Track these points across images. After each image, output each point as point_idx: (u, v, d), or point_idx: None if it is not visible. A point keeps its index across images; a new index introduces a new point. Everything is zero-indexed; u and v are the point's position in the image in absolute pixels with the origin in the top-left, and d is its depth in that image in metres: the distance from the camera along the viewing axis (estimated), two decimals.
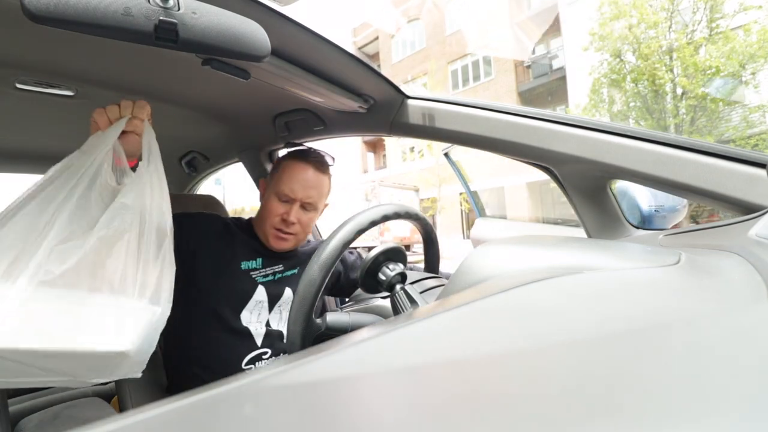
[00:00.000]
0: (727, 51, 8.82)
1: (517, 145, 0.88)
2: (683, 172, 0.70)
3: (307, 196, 1.01)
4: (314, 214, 1.06)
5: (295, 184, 1.00)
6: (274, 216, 1.01)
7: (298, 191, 1.00)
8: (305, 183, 1.01)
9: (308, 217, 1.04)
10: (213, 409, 0.19)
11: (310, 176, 1.02)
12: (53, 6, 0.40)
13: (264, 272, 1.06)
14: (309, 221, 1.05)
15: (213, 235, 1.03)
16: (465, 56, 17.12)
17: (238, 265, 1.03)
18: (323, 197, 1.07)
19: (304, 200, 1.01)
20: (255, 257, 1.06)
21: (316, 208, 1.05)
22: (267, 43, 0.55)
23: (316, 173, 1.03)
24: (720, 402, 0.19)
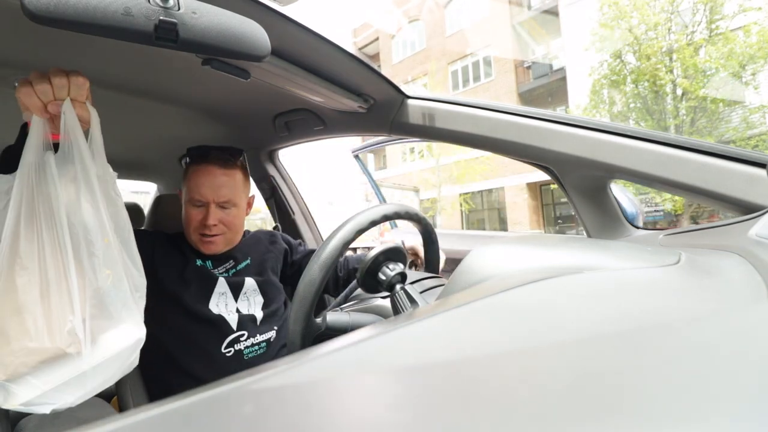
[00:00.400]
0: (726, 52, 8.82)
1: (517, 145, 0.88)
2: (683, 171, 0.70)
3: (219, 196, 1.00)
4: (236, 211, 1.05)
5: (203, 188, 0.99)
6: (194, 222, 1.01)
7: (208, 194, 0.99)
8: (213, 184, 0.99)
9: (231, 215, 1.04)
10: (213, 408, 0.19)
11: (217, 176, 1.00)
12: (53, 6, 0.40)
13: (217, 271, 1.08)
14: (233, 219, 1.05)
15: (165, 246, 1.06)
16: (465, 57, 17.13)
17: (194, 264, 1.05)
18: (238, 192, 1.05)
19: (217, 201, 1.00)
20: (204, 259, 1.08)
21: (235, 204, 1.04)
22: (267, 43, 0.55)
23: (222, 171, 1.01)
24: (720, 402, 0.19)
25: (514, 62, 15.75)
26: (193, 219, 1.01)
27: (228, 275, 1.08)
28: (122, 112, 1.14)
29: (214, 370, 0.97)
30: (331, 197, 12.52)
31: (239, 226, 1.09)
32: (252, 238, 1.21)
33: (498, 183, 15.62)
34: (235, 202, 1.04)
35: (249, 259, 1.14)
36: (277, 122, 1.25)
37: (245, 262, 1.13)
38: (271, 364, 0.22)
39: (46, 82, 0.60)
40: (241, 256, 1.13)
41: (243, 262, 1.13)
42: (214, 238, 1.03)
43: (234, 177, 1.03)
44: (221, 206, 1.02)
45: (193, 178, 1.01)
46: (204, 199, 1.00)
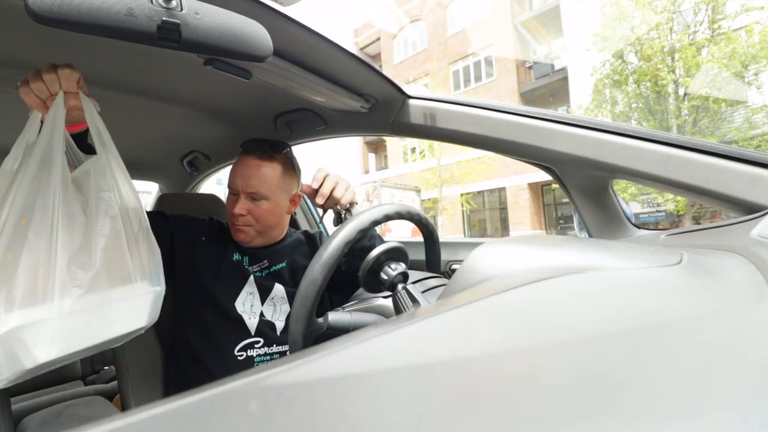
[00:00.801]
0: (728, 52, 8.80)
1: (519, 145, 0.88)
2: (685, 171, 0.70)
3: (248, 186, 1.00)
4: (267, 204, 1.02)
5: (236, 176, 1.01)
6: (229, 209, 1.03)
7: (239, 182, 1.00)
8: (244, 173, 1.00)
9: (260, 208, 1.02)
10: (215, 407, 0.19)
11: (250, 166, 1.00)
12: (57, 7, 0.40)
13: (252, 269, 1.08)
14: (263, 212, 1.03)
15: (208, 233, 1.08)
16: (467, 57, 17.12)
17: (231, 258, 1.06)
18: (270, 185, 1.02)
19: (246, 191, 1.00)
20: (242, 254, 1.09)
21: (266, 197, 1.02)
22: (269, 43, 0.56)
23: (257, 162, 1.00)
24: (722, 401, 0.19)
25: (516, 62, 15.74)
26: (228, 206, 1.03)
27: (261, 275, 1.08)
28: (124, 112, 1.15)
29: (226, 370, 0.97)
30: None
31: (272, 221, 1.07)
32: (294, 239, 1.19)
33: (499, 183, 15.61)
34: (265, 195, 1.02)
35: (285, 263, 1.12)
36: (279, 122, 1.25)
37: (280, 265, 1.11)
38: (274, 363, 0.22)
39: (40, 79, 0.64)
40: (277, 257, 1.11)
41: (278, 264, 1.11)
42: (243, 227, 1.03)
43: (268, 169, 1.02)
44: (251, 197, 1.01)
45: (234, 164, 1.04)
46: (235, 187, 1.01)
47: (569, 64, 13.54)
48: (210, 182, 2.02)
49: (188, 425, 0.18)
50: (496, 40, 16.12)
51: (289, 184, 1.06)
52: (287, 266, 1.12)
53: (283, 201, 1.07)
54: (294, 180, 1.08)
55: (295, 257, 1.14)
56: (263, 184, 1.01)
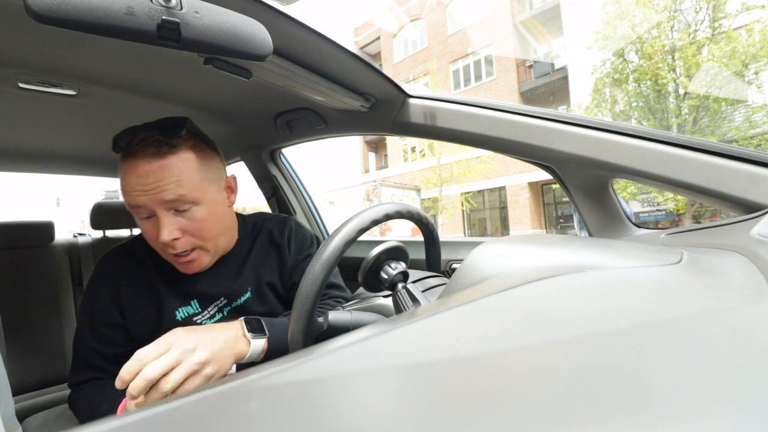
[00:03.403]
0: (729, 51, 8.80)
1: (519, 144, 0.88)
2: (685, 171, 0.70)
3: (162, 196, 0.71)
4: (200, 210, 0.76)
5: (137, 190, 0.71)
6: (153, 240, 0.76)
7: (144, 199, 0.71)
8: (147, 183, 0.71)
9: (195, 219, 0.75)
10: (215, 407, 0.19)
11: (151, 170, 0.71)
12: (56, 5, 0.40)
13: (207, 313, 0.85)
14: (202, 223, 0.76)
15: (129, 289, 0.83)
16: (467, 56, 17.12)
17: (173, 316, 0.82)
18: (191, 183, 0.74)
19: (163, 203, 0.72)
20: (188, 301, 0.84)
21: (194, 200, 0.74)
22: (269, 42, 0.56)
23: (158, 160, 0.71)
24: (722, 400, 0.19)
25: (516, 61, 15.74)
26: (149, 235, 0.76)
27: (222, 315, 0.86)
28: (124, 112, 1.15)
29: None
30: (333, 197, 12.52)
31: (218, 229, 0.80)
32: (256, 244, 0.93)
33: (499, 182, 15.63)
34: (192, 199, 0.74)
35: (249, 292, 0.88)
36: (279, 121, 1.25)
37: (243, 298, 0.87)
38: (274, 362, 0.22)
39: None
40: (234, 285, 0.87)
41: (240, 298, 0.87)
42: (190, 255, 0.78)
43: (177, 162, 0.73)
44: (175, 210, 0.74)
45: (123, 179, 0.73)
46: (144, 206, 0.72)
47: (569, 63, 13.54)
48: None
49: (188, 425, 0.18)
50: (496, 39, 16.12)
51: (213, 170, 0.79)
52: (252, 295, 0.88)
53: (217, 195, 0.80)
54: (215, 160, 0.81)
55: (260, 275, 0.90)
56: (182, 185, 0.73)
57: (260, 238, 0.94)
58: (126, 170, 0.72)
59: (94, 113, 1.14)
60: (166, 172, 0.72)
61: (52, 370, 1.39)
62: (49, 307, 1.43)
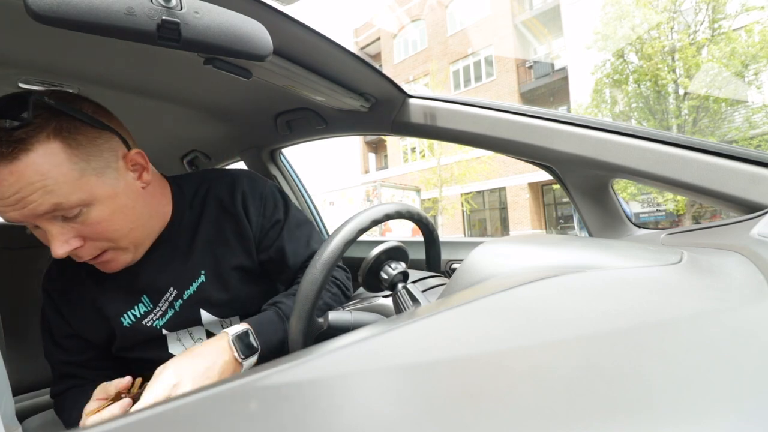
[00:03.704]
0: (728, 51, 8.81)
1: (519, 145, 0.88)
2: (685, 171, 0.70)
3: (31, 211, 0.55)
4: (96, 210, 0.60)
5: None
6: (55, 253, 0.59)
7: (13, 215, 0.55)
8: (3, 201, 0.54)
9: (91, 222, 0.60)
10: (215, 407, 0.19)
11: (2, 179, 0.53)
12: (56, 6, 0.40)
13: (159, 311, 0.75)
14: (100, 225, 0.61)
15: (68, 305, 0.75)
16: (467, 56, 17.13)
17: (120, 326, 0.73)
18: (60, 186, 0.55)
19: (38, 218, 0.57)
20: (138, 298, 0.74)
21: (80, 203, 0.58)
22: (269, 42, 0.56)
23: (6, 165, 0.52)
24: (722, 400, 0.19)
25: (516, 62, 15.75)
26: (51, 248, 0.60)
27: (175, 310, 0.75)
28: (123, 112, 1.14)
29: None
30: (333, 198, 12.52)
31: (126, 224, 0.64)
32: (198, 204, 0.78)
33: (499, 183, 15.64)
34: (74, 203, 0.57)
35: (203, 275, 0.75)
36: (279, 121, 1.25)
37: (197, 282, 0.75)
38: (274, 362, 0.22)
39: None
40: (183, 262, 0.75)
41: (193, 283, 0.75)
42: (105, 256, 0.65)
43: (32, 164, 0.53)
44: (62, 218, 0.58)
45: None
46: (22, 221, 0.57)
47: (569, 64, 13.55)
48: None
49: (188, 425, 0.18)
50: (496, 40, 16.13)
51: (96, 154, 0.60)
52: (209, 279, 0.76)
53: (116, 184, 0.62)
54: (100, 137, 0.61)
55: (218, 255, 0.76)
56: (53, 191, 0.55)
57: (208, 205, 0.78)
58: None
59: None
60: (23, 180, 0.53)
61: None
62: None
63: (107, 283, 0.74)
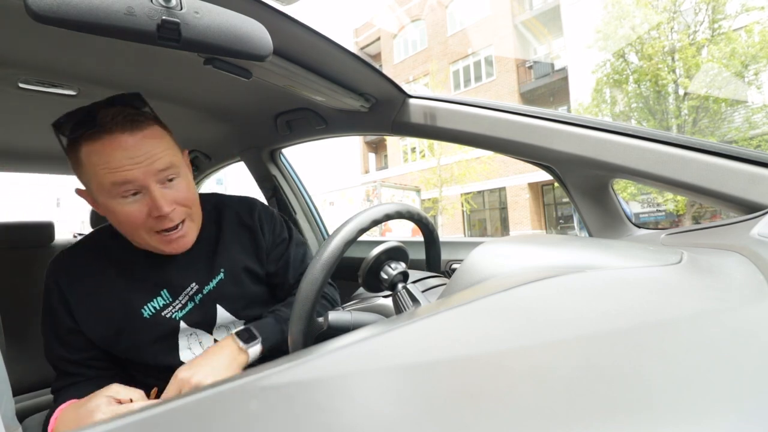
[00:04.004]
0: (728, 52, 8.81)
1: (519, 145, 0.88)
2: (685, 171, 0.70)
3: (154, 167, 0.69)
4: (183, 181, 0.74)
5: (125, 170, 0.67)
6: (140, 221, 0.71)
7: (135, 173, 0.68)
8: (134, 159, 0.68)
9: (181, 187, 0.74)
10: (215, 407, 0.19)
11: (130, 146, 0.68)
12: (56, 6, 0.40)
13: (178, 303, 0.81)
14: (188, 194, 0.75)
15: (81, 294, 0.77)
16: (467, 56, 17.13)
17: (140, 317, 0.78)
18: (173, 152, 0.73)
19: (155, 173, 0.70)
20: (157, 291, 0.80)
21: (178, 172, 0.74)
22: (269, 42, 0.56)
23: (133, 135, 0.69)
24: (721, 400, 0.19)
25: (516, 62, 15.75)
26: (135, 217, 0.70)
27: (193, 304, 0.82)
28: None
29: None
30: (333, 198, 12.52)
31: (196, 198, 0.79)
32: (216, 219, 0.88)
33: (499, 183, 15.63)
34: (177, 166, 0.74)
35: (222, 272, 0.84)
36: (279, 121, 1.25)
37: (216, 279, 0.84)
38: (275, 362, 0.22)
39: None
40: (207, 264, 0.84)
41: (213, 280, 0.83)
42: (182, 228, 0.75)
43: (154, 133, 0.72)
44: (167, 180, 0.72)
45: (100, 160, 0.67)
46: (135, 180, 0.68)
47: (569, 64, 13.55)
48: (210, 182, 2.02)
49: (188, 425, 0.18)
50: (496, 40, 16.13)
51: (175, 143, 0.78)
52: (226, 277, 0.85)
53: (189, 168, 0.80)
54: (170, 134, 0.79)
55: (235, 258, 0.87)
56: (168, 153, 0.72)
57: (227, 220, 0.89)
58: (104, 147, 0.67)
59: None
60: (153, 141, 0.70)
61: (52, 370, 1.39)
62: None
63: (131, 275, 0.80)
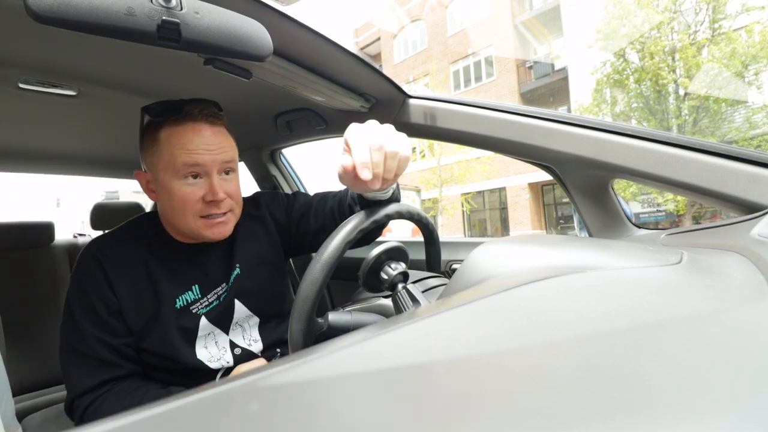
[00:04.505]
0: (729, 52, 8.81)
1: (519, 145, 0.88)
2: (685, 171, 0.70)
3: (221, 159, 0.80)
4: (236, 177, 0.86)
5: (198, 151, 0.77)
6: (193, 202, 0.79)
7: (207, 159, 0.78)
8: (209, 145, 0.79)
9: (234, 184, 0.84)
10: (215, 407, 0.19)
11: (215, 133, 0.81)
12: (56, 6, 0.40)
13: (206, 301, 0.86)
14: (237, 188, 0.85)
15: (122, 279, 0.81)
16: (467, 57, 17.12)
17: (172, 306, 0.82)
18: (234, 150, 0.85)
19: (220, 164, 0.80)
20: (189, 286, 0.85)
21: (235, 168, 0.85)
22: (269, 42, 0.56)
23: (219, 126, 0.83)
24: (721, 400, 0.19)
25: (516, 62, 15.74)
26: (190, 198, 0.78)
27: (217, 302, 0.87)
28: (124, 112, 1.15)
29: None
30: None
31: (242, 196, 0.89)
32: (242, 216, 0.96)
33: (499, 183, 15.63)
34: (236, 162, 0.85)
35: (238, 267, 0.90)
36: (279, 121, 1.25)
37: (234, 274, 0.89)
38: (275, 363, 0.22)
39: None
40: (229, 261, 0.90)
41: (231, 275, 0.89)
42: (225, 216, 0.83)
43: (227, 133, 0.85)
44: (225, 172, 0.83)
45: (179, 141, 0.77)
46: (204, 165, 0.78)
47: (569, 64, 13.55)
48: None
49: (188, 425, 0.18)
50: (496, 40, 16.13)
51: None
52: (242, 271, 0.91)
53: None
54: None
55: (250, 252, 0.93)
56: (233, 150, 0.84)
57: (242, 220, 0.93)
58: (185, 131, 0.78)
59: (94, 113, 1.15)
60: (225, 137, 0.82)
61: (52, 371, 1.39)
62: (49, 308, 1.43)
63: (167, 265, 0.85)
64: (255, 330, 0.91)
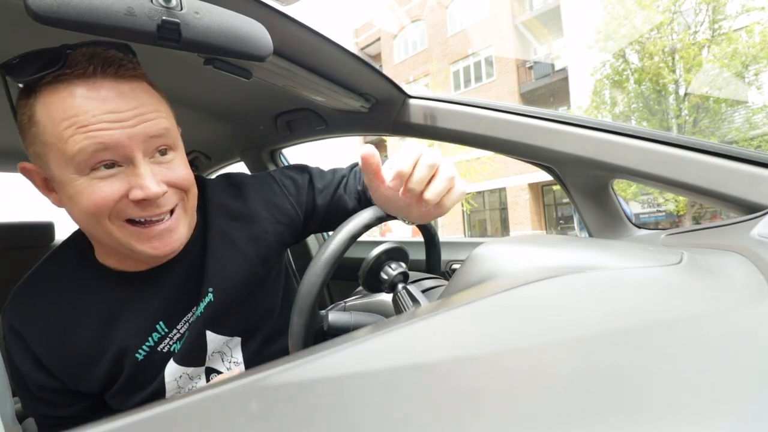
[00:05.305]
0: (729, 52, 8.82)
1: (519, 145, 0.88)
2: (685, 171, 0.70)
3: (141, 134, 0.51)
4: (179, 158, 0.57)
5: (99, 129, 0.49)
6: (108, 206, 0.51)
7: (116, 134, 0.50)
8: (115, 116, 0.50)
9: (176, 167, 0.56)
10: (215, 407, 0.19)
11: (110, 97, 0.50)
12: (56, 6, 0.40)
13: (176, 333, 0.66)
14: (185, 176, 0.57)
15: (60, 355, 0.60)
16: (467, 57, 17.13)
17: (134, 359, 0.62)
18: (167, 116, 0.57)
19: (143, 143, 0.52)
20: (152, 326, 0.63)
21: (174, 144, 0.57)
22: (269, 42, 0.56)
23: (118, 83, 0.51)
24: (721, 400, 0.19)
25: (516, 62, 15.75)
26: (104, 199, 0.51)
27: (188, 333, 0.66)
28: None
29: None
30: None
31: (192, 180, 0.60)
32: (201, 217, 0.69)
33: (499, 183, 15.63)
34: (173, 137, 0.57)
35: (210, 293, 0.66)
36: (279, 122, 1.25)
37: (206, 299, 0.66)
38: (275, 363, 0.22)
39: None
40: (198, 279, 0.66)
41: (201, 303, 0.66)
42: (171, 219, 0.57)
43: (147, 88, 0.55)
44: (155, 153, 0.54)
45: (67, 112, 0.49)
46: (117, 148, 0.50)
47: (570, 64, 13.55)
48: None
49: (188, 425, 0.18)
50: (496, 40, 16.13)
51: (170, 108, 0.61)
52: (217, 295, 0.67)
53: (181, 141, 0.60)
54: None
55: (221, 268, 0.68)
56: (164, 117, 0.56)
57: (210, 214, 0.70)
58: (72, 96, 0.48)
59: None
60: (144, 97, 0.52)
61: None
62: None
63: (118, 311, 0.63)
64: (237, 351, 0.73)
